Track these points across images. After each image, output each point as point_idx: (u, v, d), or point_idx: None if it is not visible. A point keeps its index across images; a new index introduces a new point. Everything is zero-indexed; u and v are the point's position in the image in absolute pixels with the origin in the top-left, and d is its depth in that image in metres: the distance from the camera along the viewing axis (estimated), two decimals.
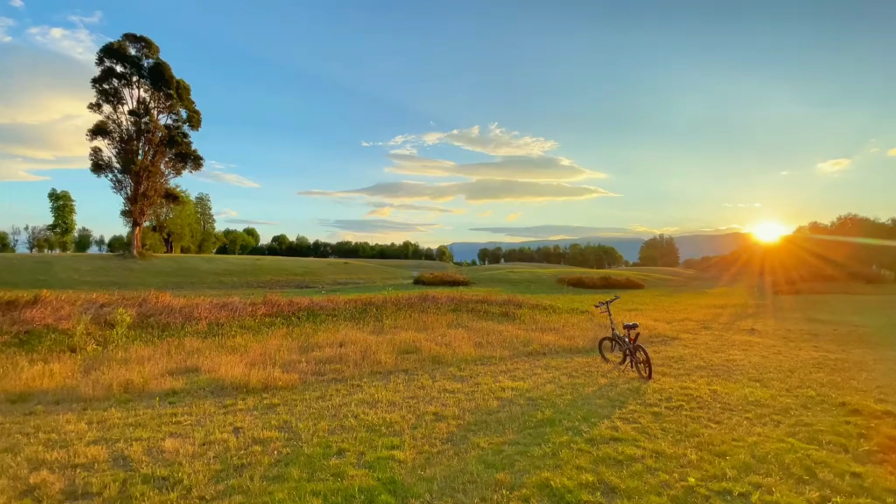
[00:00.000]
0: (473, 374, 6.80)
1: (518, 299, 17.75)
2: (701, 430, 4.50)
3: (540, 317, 14.09)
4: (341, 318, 12.49)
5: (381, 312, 13.60)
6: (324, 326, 11.15)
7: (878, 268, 57.81)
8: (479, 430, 4.40)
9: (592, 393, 5.80)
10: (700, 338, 11.36)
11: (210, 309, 12.63)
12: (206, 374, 6.54)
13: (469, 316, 13.80)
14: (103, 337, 8.96)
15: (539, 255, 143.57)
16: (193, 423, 4.63)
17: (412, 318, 12.72)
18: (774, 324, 14.71)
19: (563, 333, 10.91)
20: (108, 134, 43.46)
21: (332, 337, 9.55)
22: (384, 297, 16.29)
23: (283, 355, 7.72)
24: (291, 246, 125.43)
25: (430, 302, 16.09)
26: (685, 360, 8.32)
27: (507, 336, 10.26)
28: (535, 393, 5.72)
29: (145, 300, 13.07)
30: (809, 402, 5.62)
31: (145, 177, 42.39)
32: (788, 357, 8.76)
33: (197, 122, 47.32)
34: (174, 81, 44.49)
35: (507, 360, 7.96)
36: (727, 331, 13.00)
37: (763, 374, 7.19)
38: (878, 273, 55.03)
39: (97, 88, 43.05)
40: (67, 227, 70.89)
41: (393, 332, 10.60)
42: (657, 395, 5.72)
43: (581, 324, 12.78)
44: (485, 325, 12.07)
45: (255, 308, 13.11)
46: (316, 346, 8.56)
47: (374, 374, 6.77)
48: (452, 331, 10.75)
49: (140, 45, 44.96)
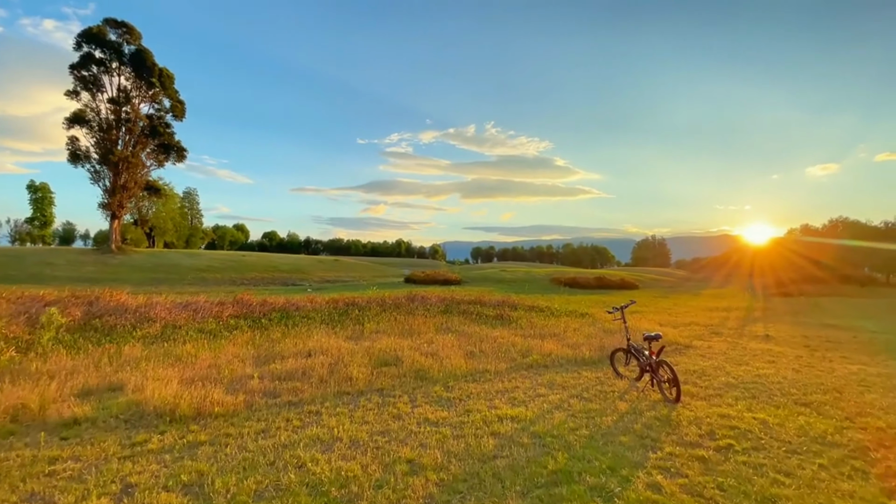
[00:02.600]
0: (463, 396, 5.55)
1: (513, 300, 16.55)
2: (771, 488, 3.30)
3: (537, 320, 12.90)
4: (317, 321, 11.18)
5: (363, 314, 12.32)
6: (295, 331, 9.83)
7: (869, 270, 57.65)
8: (470, 492, 3.15)
9: (613, 425, 4.58)
10: (714, 345, 10.24)
11: (170, 309, 11.26)
12: (129, 394, 5.23)
13: (460, 319, 12.56)
14: (28, 342, 7.58)
15: (532, 254, 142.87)
16: (73, 475, 3.34)
17: (397, 321, 11.45)
18: (787, 329, 13.65)
19: (564, 340, 9.72)
20: (87, 122, 41.54)
21: (301, 344, 8.24)
22: (369, 296, 15.02)
23: (235, 368, 6.42)
24: (282, 243, 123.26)
25: (419, 303, 14.84)
26: (709, 374, 7.16)
27: (502, 343, 9.04)
28: (542, 426, 4.49)
29: (98, 298, 11.65)
30: (885, 438, 4.46)
31: (124, 168, 40.53)
32: (824, 371, 7.63)
33: (181, 112, 45.50)
34: (157, 69, 42.63)
35: (503, 374, 6.72)
36: (740, 337, 11.92)
37: (807, 394, 6.03)
38: (871, 276, 54.84)
39: (75, 75, 41.11)
40: (47, 220, 68.37)
41: (373, 337, 9.32)
42: (695, 429, 4.52)
43: (583, 328, 11.60)
44: (477, 329, 10.84)
45: (221, 308, 11.76)
46: (278, 357, 7.25)
47: (342, 395, 5.48)
48: (441, 336, 9.50)
49: (121, 30, 42.97)
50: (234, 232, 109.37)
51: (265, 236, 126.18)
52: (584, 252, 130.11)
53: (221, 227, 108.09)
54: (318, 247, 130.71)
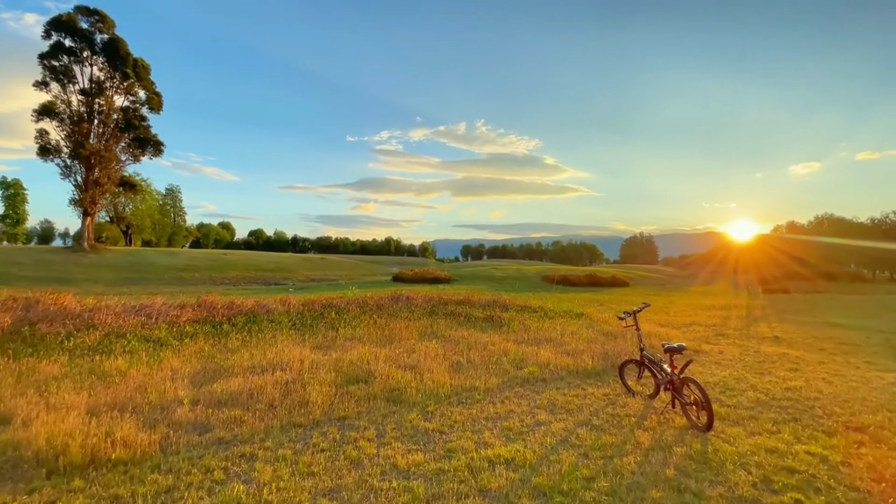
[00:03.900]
0: (445, 426, 4.45)
1: (503, 300, 15.51)
2: None
3: (531, 322, 11.87)
4: (286, 326, 10.00)
5: (340, 318, 11.17)
6: (258, 339, 8.65)
7: (856, 266, 58.01)
8: None
9: (638, 470, 3.52)
10: (725, 350, 9.30)
11: (119, 314, 9.98)
12: (15, 430, 4.04)
13: (447, 321, 11.47)
14: None
15: (522, 251, 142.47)
16: None
17: (377, 326, 10.32)
18: (794, 330, 12.80)
19: (562, 346, 8.68)
20: (57, 115, 39.53)
21: (259, 356, 7.06)
22: (351, 296, 13.85)
23: (167, 390, 5.24)
24: (269, 241, 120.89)
25: (403, 303, 13.72)
26: (732, 388, 6.17)
27: (493, 351, 7.97)
28: (547, 475, 3.40)
29: (38, 301, 10.31)
30: None
31: (97, 162, 38.59)
32: (858, 382, 6.70)
33: (157, 105, 43.61)
34: (131, 59, 40.71)
35: (494, 393, 5.64)
36: (748, 339, 11.02)
37: (855, 415, 5.06)
38: (858, 272, 55.15)
39: (45, 65, 39.06)
40: (19, 218, 65.63)
41: (346, 346, 8.18)
42: (744, 474, 3.48)
43: (580, 332, 10.59)
44: (466, 334, 9.76)
45: (181, 312, 10.50)
46: (226, 373, 6.07)
47: (291, 427, 4.34)
48: (424, 343, 8.40)
49: (93, 18, 40.93)
50: (218, 230, 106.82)
51: (251, 234, 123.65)
52: (573, 249, 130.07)
53: (206, 225, 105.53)
54: (305, 245, 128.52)
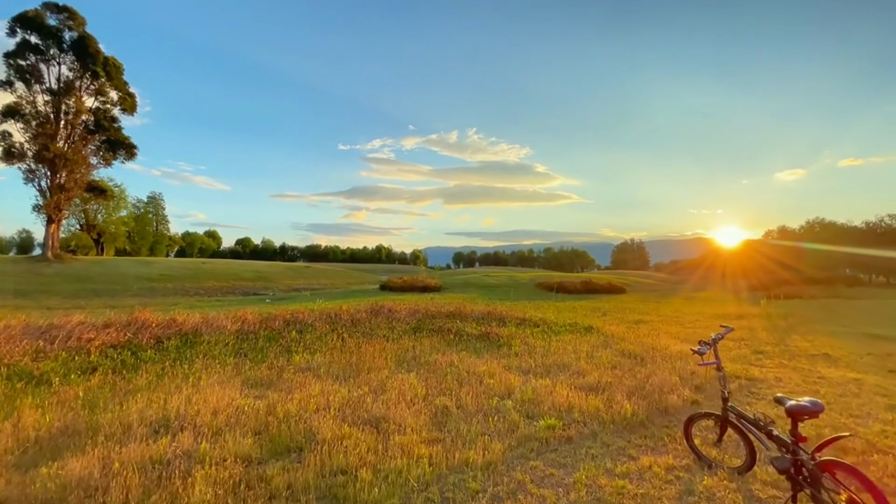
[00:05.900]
0: None
1: (499, 311, 13.51)
2: None
3: (534, 340, 9.87)
4: (230, 352, 7.88)
5: (301, 337, 9.09)
6: (181, 370, 6.53)
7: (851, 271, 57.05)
8: None
9: None
10: (783, 376, 7.37)
11: (13, 337, 7.78)
12: None
13: (434, 341, 9.42)
14: None
15: (514, 258, 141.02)
16: None
17: (344, 350, 8.24)
18: (835, 343, 10.90)
19: (581, 376, 6.67)
20: (22, 116, 37.12)
21: (158, 405, 4.93)
22: (322, 309, 11.78)
23: None
24: (256, 249, 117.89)
25: (384, 317, 11.66)
26: (845, 449, 4.22)
27: (491, 387, 5.94)
28: None
29: None
30: None
31: (62, 165, 36.10)
32: None
33: (131, 106, 41.36)
34: (101, 57, 38.50)
35: (498, 475, 3.61)
36: (792, 357, 9.09)
37: None
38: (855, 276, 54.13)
39: (10, 64, 36.72)
40: None
41: (294, 381, 6.09)
42: None
43: (596, 353, 8.59)
44: (456, 358, 7.71)
45: (97, 333, 8.32)
46: (81, 442, 3.96)
47: None
48: (400, 377, 6.34)
49: (62, 15, 38.76)
50: (204, 239, 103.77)
51: (238, 243, 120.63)
52: (564, 256, 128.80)
53: (191, 234, 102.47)
54: (294, 254, 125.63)
